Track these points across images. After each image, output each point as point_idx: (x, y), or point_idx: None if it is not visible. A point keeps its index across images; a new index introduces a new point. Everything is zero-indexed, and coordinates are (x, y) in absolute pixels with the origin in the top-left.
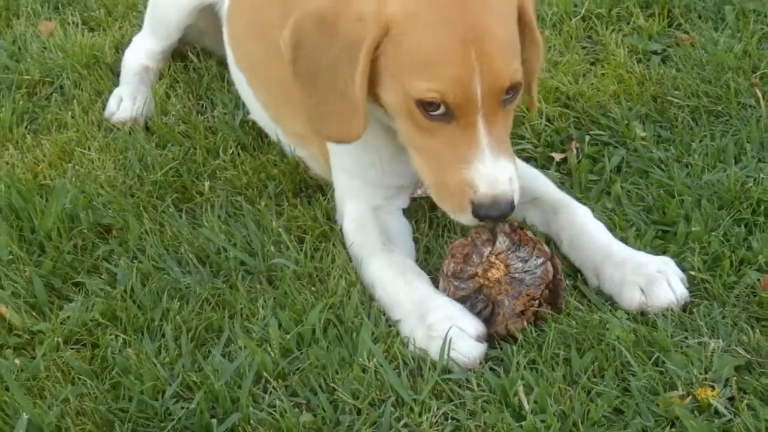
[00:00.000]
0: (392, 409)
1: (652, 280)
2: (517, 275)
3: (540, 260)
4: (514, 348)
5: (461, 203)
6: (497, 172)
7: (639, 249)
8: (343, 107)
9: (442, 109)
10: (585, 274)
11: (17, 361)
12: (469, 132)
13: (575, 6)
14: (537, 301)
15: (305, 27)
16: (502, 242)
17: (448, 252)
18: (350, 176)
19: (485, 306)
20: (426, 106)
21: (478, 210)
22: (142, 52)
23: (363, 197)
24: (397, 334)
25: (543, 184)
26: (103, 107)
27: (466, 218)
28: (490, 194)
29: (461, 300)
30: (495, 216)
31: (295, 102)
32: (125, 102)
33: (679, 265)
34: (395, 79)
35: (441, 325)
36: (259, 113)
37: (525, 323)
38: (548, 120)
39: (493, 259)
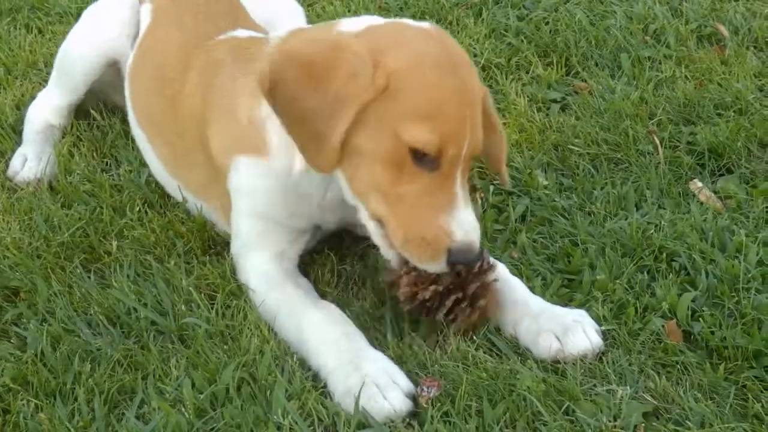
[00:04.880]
0: None
1: (568, 328)
2: None
3: None
4: (429, 401)
5: (437, 251)
6: (471, 219)
7: (546, 298)
8: (317, 147)
9: (430, 158)
10: (502, 327)
11: None
12: (449, 183)
13: (475, 56)
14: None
15: (286, 69)
16: None
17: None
18: (255, 219)
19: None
20: (418, 154)
21: (454, 256)
22: (46, 108)
23: (266, 244)
24: (313, 389)
25: None
26: (6, 167)
27: (438, 266)
28: (467, 241)
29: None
30: (468, 261)
31: (195, 154)
32: (30, 161)
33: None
34: (387, 127)
35: (377, 375)
36: (158, 171)
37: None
38: None
39: None
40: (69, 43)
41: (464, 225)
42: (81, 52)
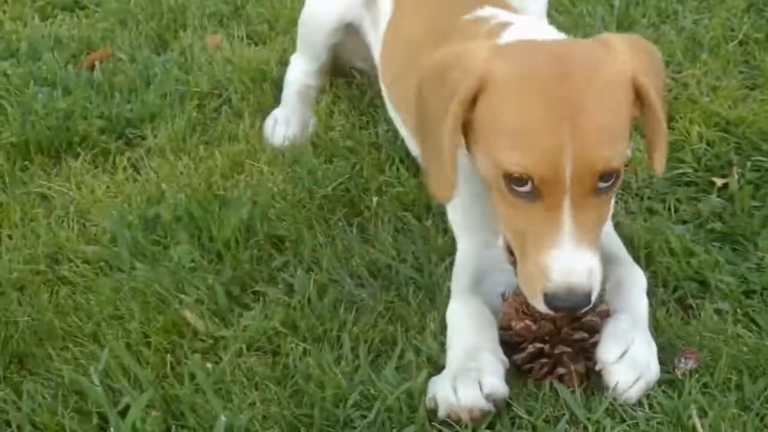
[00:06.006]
0: (567, 426)
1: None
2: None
3: None
4: (686, 373)
5: (534, 289)
6: (575, 261)
7: None
8: (439, 163)
9: (528, 187)
10: None
11: (209, 365)
12: (553, 215)
13: (732, 30)
14: None
15: (426, 76)
16: None
17: None
18: (465, 209)
19: None
20: (513, 181)
21: (549, 300)
22: (299, 71)
23: (475, 231)
24: None
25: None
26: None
27: (540, 306)
28: (563, 284)
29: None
30: (566, 308)
31: None
32: (278, 127)
33: None
34: (486, 145)
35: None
36: (414, 154)
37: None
38: (708, 144)
39: None
40: (306, 10)
41: (563, 265)
42: (318, 18)
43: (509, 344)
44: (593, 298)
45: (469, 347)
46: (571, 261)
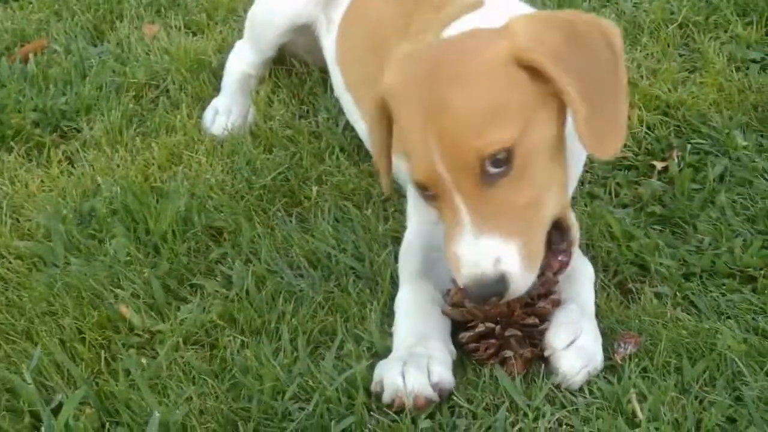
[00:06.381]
0: (507, 414)
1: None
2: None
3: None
4: (625, 357)
5: (457, 282)
6: (476, 252)
7: (746, 259)
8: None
9: (430, 191)
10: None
11: (143, 360)
12: (452, 211)
13: (672, 13)
14: None
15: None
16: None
17: None
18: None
19: None
20: (419, 188)
21: (465, 292)
22: (242, 60)
23: (424, 209)
24: None
25: None
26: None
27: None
28: (468, 275)
29: None
30: (483, 297)
31: None
32: (220, 116)
33: None
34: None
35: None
36: (365, 134)
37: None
38: (648, 128)
39: None
40: (257, 8)
41: (465, 258)
42: (268, 19)
43: (459, 322)
44: (516, 284)
45: (418, 333)
46: (472, 253)
